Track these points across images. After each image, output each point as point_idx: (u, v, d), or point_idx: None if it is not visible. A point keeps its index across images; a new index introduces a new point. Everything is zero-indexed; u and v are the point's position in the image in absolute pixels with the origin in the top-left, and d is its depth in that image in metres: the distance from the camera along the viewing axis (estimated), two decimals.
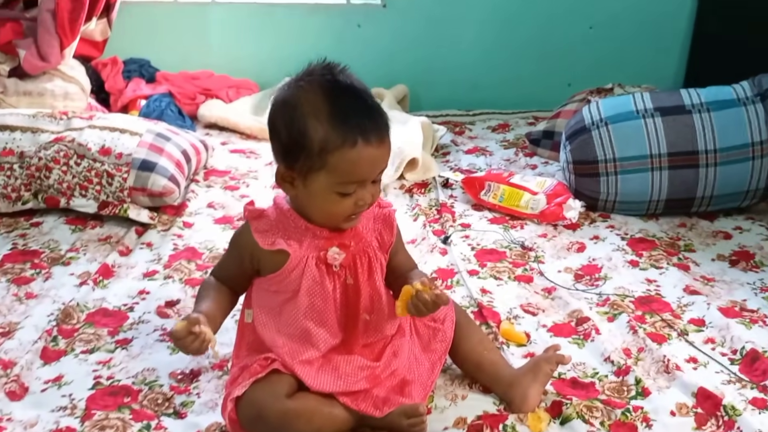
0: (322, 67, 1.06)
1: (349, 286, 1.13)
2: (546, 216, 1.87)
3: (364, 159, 1.03)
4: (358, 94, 1.05)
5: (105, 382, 1.24)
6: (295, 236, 1.10)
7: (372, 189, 1.08)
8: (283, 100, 1.06)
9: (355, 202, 1.07)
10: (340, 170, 1.03)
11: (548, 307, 1.51)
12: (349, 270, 1.13)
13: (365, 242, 1.14)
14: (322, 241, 1.11)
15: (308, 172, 1.04)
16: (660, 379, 1.28)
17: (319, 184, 1.05)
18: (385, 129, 1.06)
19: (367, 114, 1.04)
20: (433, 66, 2.82)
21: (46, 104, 2.23)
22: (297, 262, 1.09)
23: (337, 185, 1.05)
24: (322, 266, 1.11)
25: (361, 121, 1.03)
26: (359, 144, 1.02)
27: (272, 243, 1.09)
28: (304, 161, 1.04)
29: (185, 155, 1.96)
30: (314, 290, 1.11)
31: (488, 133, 2.58)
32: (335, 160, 1.02)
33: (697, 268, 1.68)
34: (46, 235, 1.74)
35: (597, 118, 1.89)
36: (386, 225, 1.18)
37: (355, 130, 1.02)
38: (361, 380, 1.12)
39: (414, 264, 1.26)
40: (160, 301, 1.49)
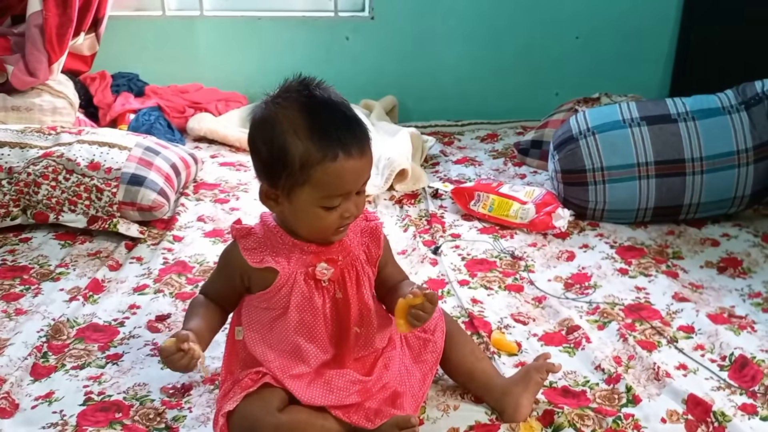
0: (298, 83, 1.06)
1: (338, 300, 1.13)
2: (535, 225, 1.88)
3: (346, 171, 1.03)
4: (335, 107, 1.06)
5: (96, 397, 1.23)
6: (283, 253, 1.10)
7: (357, 200, 1.08)
8: (262, 119, 1.06)
9: (341, 215, 1.07)
10: (323, 184, 1.03)
11: (539, 316, 1.52)
12: (338, 284, 1.13)
13: (353, 256, 1.15)
14: (310, 257, 1.11)
15: (291, 189, 1.05)
16: (650, 386, 1.28)
17: (304, 199, 1.05)
18: (365, 140, 1.06)
19: (345, 126, 1.04)
20: (422, 77, 2.84)
21: (34, 119, 2.23)
22: (286, 279, 1.10)
23: (322, 199, 1.05)
24: (310, 282, 1.11)
25: (341, 134, 1.03)
26: (340, 157, 1.02)
27: (261, 261, 1.10)
28: (286, 178, 1.04)
29: (174, 169, 1.96)
30: (304, 306, 1.11)
31: (477, 143, 2.60)
32: (317, 174, 1.03)
33: (685, 275, 1.69)
34: (35, 251, 1.74)
35: (584, 127, 1.91)
36: (373, 238, 1.18)
37: (335, 143, 1.02)
38: (352, 394, 1.11)
39: (404, 275, 1.26)
40: (150, 315, 1.48)
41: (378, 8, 2.75)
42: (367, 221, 1.19)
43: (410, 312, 1.07)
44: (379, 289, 1.20)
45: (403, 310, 1.08)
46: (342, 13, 2.79)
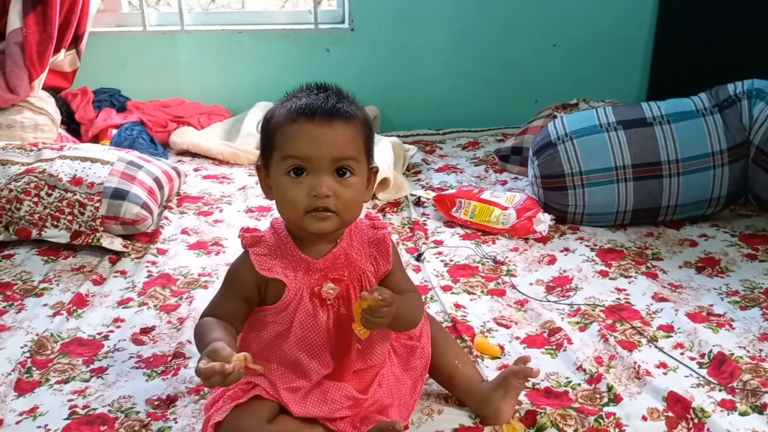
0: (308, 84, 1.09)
1: (342, 315, 1.10)
2: (516, 230, 1.90)
3: (302, 133, 1.02)
4: (324, 86, 1.07)
5: (81, 411, 1.23)
6: (291, 266, 1.09)
7: (329, 183, 1.02)
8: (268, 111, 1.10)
9: (308, 192, 1.02)
10: (282, 144, 1.03)
11: (521, 320, 1.54)
12: (343, 300, 1.10)
13: (359, 270, 1.11)
14: (317, 276, 1.09)
15: (268, 162, 1.07)
16: (631, 385, 1.30)
17: (274, 169, 1.05)
18: (338, 112, 1.03)
19: (321, 98, 1.04)
20: (402, 87, 2.86)
21: (15, 136, 2.22)
22: (293, 296, 1.08)
23: (283, 162, 1.03)
24: (315, 300, 1.09)
25: (311, 103, 1.03)
26: (300, 120, 1.02)
27: (269, 269, 1.07)
28: (265, 150, 1.07)
29: (157, 182, 1.97)
30: (307, 324, 1.09)
31: (458, 151, 2.62)
32: (279, 137, 1.04)
33: (664, 275, 1.72)
34: (18, 267, 1.73)
35: (562, 132, 1.94)
36: (381, 250, 1.14)
37: (301, 107, 1.03)
38: (344, 408, 1.11)
39: (411, 286, 1.20)
40: (135, 328, 1.49)
41: (358, 20, 2.78)
42: (374, 229, 1.15)
43: (362, 315, 1.04)
44: None
45: (357, 313, 1.05)
46: (322, 25, 2.81)
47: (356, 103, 1.08)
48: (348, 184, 1.05)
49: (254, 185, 2.27)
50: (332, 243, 1.11)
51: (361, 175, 1.07)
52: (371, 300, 1.02)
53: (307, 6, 2.88)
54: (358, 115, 1.07)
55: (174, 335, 1.46)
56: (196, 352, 1.35)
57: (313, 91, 1.07)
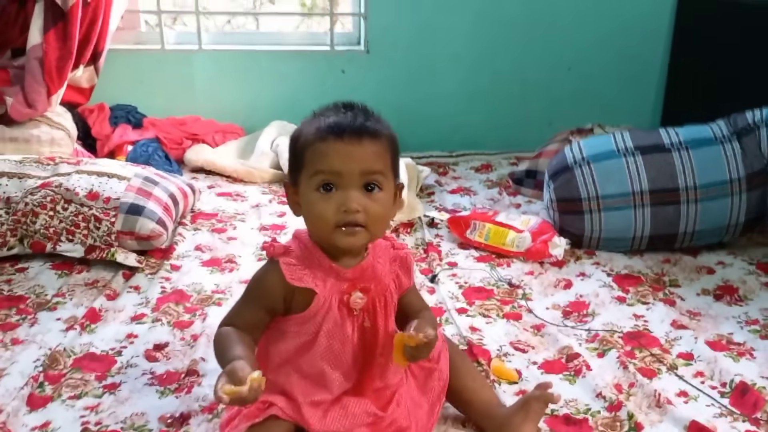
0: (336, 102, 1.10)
1: (366, 329, 1.12)
2: (532, 254, 1.89)
3: (332, 150, 1.03)
4: (350, 105, 1.08)
5: (93, 428, 1.21)
6: (320, 275, 1.09)
7: (359, 198, 1.03)
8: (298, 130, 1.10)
9: (338, 207, 1.03)
10: (311, 162, 1.04)
11: (538, 344, 1.52)
12: (367, 313, 1.11)
13: (383, 285, 1.13)
14: (346, 284, 1.09)
15: (298, 179, 1.07)
16: (652, 413, 1.28)
17: (304, 186, 1.06)
18: (366, 130, 1.04)
19: (349, 117, 1.05)
20: (416, 109, 2.87)
21: (32, 150, 2.23)
22: (322, 303, 1.08)
23: (312, 177, 1.04)
24: (343, 309, 1.10)
25: (339, 122, 1.04)
26: (330, 138, 1.03)
27: (300, 278, 1.07)
28: (294, 169, 1.08)
29: (173, 199, 1.96)
30: (334, 333, 1.09)
31: (471, 173, 2.62)
32: (308, 154, 1.05)
33: (682, 302, 1.70)
34: (31, 281, 1.73)
35: (579, 157, 1.93)
36: (404, 268, 1.17)
37: (331, 126, 1.04)
38: (364, 425, 1.10)
39: (424, 304, 1.23)
40: (148, 344, 1.47)
41: (373, 42, 2.80)
42: (395, 249, 1.18)
43: (405, 350, 1.06)
44: (396, 315, 1.18)
45: (400, 346, 1.07)
46: (338, 46, 2.83)
47: (383, 121, 1.09)
48: (376, 198, 1.06)
49: (267, 203, 2.27)
50: (359, 257, 1.12)
51: (389, 190, 1.08)
52: (418, 340, 1.03)
53: (322, 28, 2.90)
54: (385, 133, 1.08)
55: (187, 352, 1.45)
56: (211, 369, 1.37)
57: (341, 109, 1.07)
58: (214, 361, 1.38)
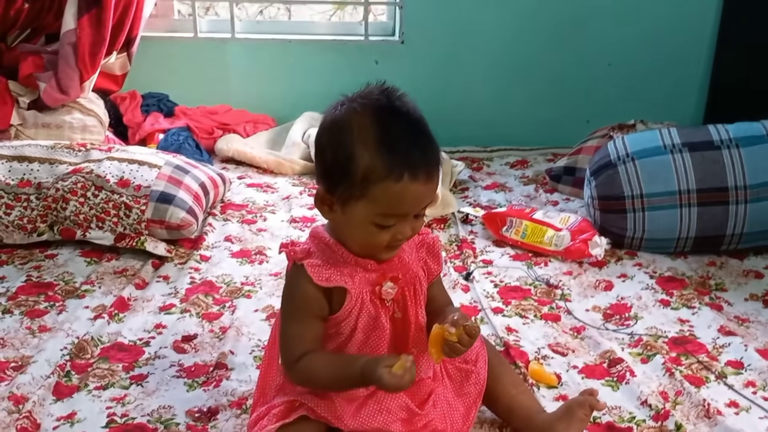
0: (380, 90, 1.01)
1: (397, 320, 1.08)
2: (571, 253, 1.82)
3: (408, 194, 0.98)
4: (412, 122, 1.00)
5: (119, 419, 1.18)
6: (347, 271, 1.04)
7: (413, 223, 1.02)
8: (333, 121, 1.01)
9: (393, 236, 1.01)
10: (381, 202, 0.98)
11: (578, 347, 1.45)
12: (397, 304, 1.07)
13: (412, 273, 1.09)
14: (374, 275, 1.05)
15: (348, 199, 1.00)
16: (701, 424, 1.21)
17: (358, 213, 1.00)
18: (435, 164, 1.00)
19: (418, 146, 0.98)
20: (450, 102, 2.81)
21: (64, 136, 2.22)
22: (356, 300, 1.04)
23: (376, 216, 0.99)
24: (376, 301, 1.06)
25: (411, 154, 0.97)
26: (405, 179, 0.96)
27: (328, 279, 1.02)
28: (345, 188, 0.99)
29: (203, 188, 1.93)
30: (369, 326, 1.06)
31: (507, 169, 2.55)
32: (377, 191, 0.97)
33: (730, 308, 1.62)
34: (60, 268, 1.71)
35: (623, 153, 1.86)
36: (431, 253, 1.13)
37: (403, 162, 0.96)
38: (398, 421, 1.06)
39: (449, 299, 1.20)
40: (176, 335, 1.44)
41: (408, 33, 2.74)
42: (420, 235, 1.12)
43: (446, 344, 1.00)
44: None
45: (438, 340, 1.02)
46: (372, 37, 2.78)
47: (434, 137, 1.02)
48: (422, 215, 1.04)
49: (298, 195, 2.23)
50: None
51: None
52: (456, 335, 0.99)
53: (356, 18, 2.85)
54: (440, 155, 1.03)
55: (216, 345, 1.42)
56: (239, 363, 1.34)
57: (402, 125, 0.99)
58: (242, 355, 1.38)
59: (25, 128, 2.21)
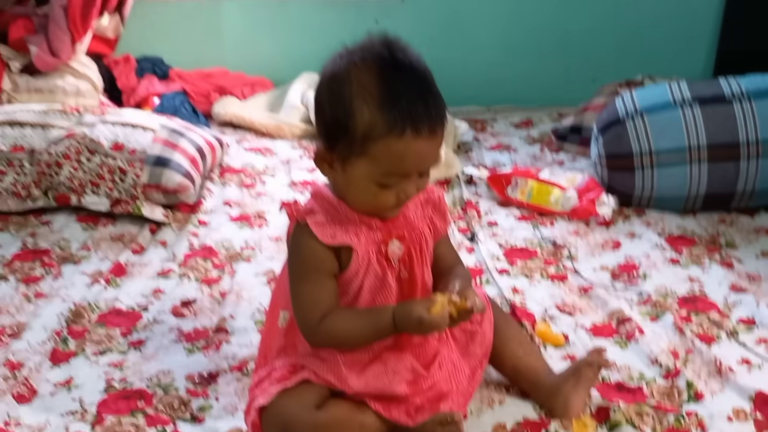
0: (381, 42, 0.96)
1: (403, 280, 1.04)
2: (577, 213, 1.78)
3: (410, 151, 0.93)
4: (415, 76, 0.94)
5: (117, 385, 1.16)
6: (352, 229, 1.00)
7: (418, 182, 0.98)
8: (333, 75, 0.96)
9: (397, 195, 0.97)
10: (382, 161, 0.93)
11: (585, 307, 1.42)
12: (403, 263, 1.04)
13: (417, 232, 1.05)
14: (380, 234, 1.01)
15: (348, 157, 0.95)
16: (712, 382, 1.18)
17: (359, 171, 0.95)
18: (440, 119, 0.95)
19: (421, 99, 0.93)
20: (453, 62, 2.73)
21: (57, 101, 2.18)
22: (363, 259, 1.00)
23: (378, 175, 0.95)
24: (382, 261, 1.02)
25: (414, 108, 0.92)
26: (407, 134, 0.92)
27: (333, 236, 0.98)
28: (345, 145, 0.94)
29: (200, 151, 1.89)
30: (376, 287, 1.02)
31: (511, 129, 2.50)
32: (378, 149, 0.93)
33: (741, 265, 1.58)
34: (56, 234, 1.67)
35: (632, 109, 1.80)
36: (437, 211, 1.09)
37: (405, 117, 0.91)
38: (403, 382, 1.03)
39: (458, 258, 1.14)
40: (175, 300, 1.41)
41: None
42: (425, 192, 1.08)
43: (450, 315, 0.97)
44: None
45: (441, 308, 0.97)
46: None
47: (439, 91, 0.97)
48: (426, 173, 1.00)
49: (298, 159, 2.18)
50: None
51: None
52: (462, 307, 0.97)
53: None
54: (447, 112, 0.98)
55: (216, 309, 1.39)
56: (239, 327, 1.32)
57: (404, 79, 0.93)
58: (243, 319, 1.35)
59: (17, 93, 2.16)
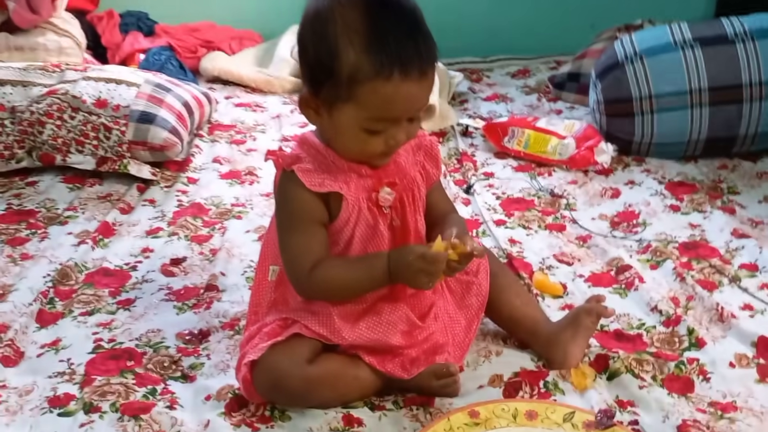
0: None
1: (396, 228, 1.01)
2: (576, 161, 1.74)
3: (399, 95, 0.89)
4: (403, 13, 0.90)
5: (106, 345, 1.13)
6: (341, 176, 0.97)
7: (408, 127, 0.94)
8: (316, 13, 0.91)
9: (386, 141, 0.93)
10: (370, 105, 0.89)
11: (584, 256, 1.39)
12: (395, 211, 1.00)
13: (409, 178, 1.01)
14: (370, 181, 0.98)
15: (334, 102, 0.91)
16: (714, 328, 1.16)
17: (346, 117, 0.91)
18: (430, 59, 0.91)
19: (410, 39, 0.88)
20: (447, 12, 2.63)
21: (39, 59, 2.09)
22: (353, 207, 0.97)
23: (366, 121, 0.91)
24: (373, 209, 0.98)
25: (402, 48, 0.87)
26: (395, 77, 0.87)
27: (321, 184, 0.95)
28: (330, 88, 0.90)
29: (187, 107, 1.83)
30: (368, 236, 0.99)
31: (507, 79, 2.44)
32: (365, 92, 0.88)
33: (743, 211, 1.55)
34: (42, 195, 1.63)
35: (631, 52, 1.74)
36: (430, 156, 1.05)
37: (393, 58, 0.87)
38: (398, 333, 1.00)
39: (451, 205, 1.12)
40: (164, 259, 1.38)
41: None
42: (417, 137, 1.03)
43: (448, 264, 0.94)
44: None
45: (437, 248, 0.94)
46: None
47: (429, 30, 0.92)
48: (416, 118, 0.96)
49: (289, 114, 2.13)
50: None
51: None
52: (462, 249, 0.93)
53: None
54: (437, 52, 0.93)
55: (206, 267, 1.36)
56: (230, 284, 1.29)
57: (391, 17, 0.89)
58: (234, 276, 1.32)
59: None
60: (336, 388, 0.98)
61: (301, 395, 0.96)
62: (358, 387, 0.99)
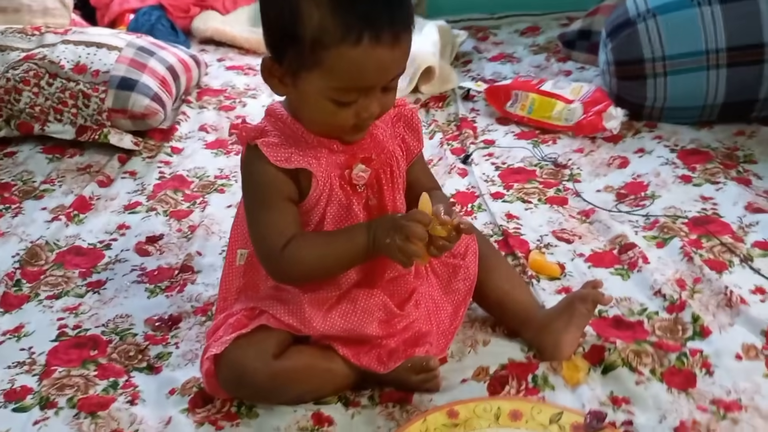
0: None
1: (372, 207, 0.93)
2: (582, 128, 1.64)
3: (369, 61, 0.80)
4: None
5: (71, 332, 1.07)
6: (310, 152, 0.89)
7: (381, 99, 0.86)
8: None
9: (357, 114, 0.85)
10: (337, 73, 0.81)
11: (586, 233, 1.30)
12: (371, 189, 0.92)
13: (387, 153, 0.93)
14: (342, 157, 0.90)
15: (298, 71, 0.83)
16: (721, 315, 1.07)
17: (312, 87, 0.83)
18: (404, 23, 0.82)
19: (382, 1, 0.80)
20: None
21: (23, 21, 2.00)
22: (323, 185, 0.89)
23: (333, 91, 0.83)
24: (346, 187, 0.91)
25: (372, 10, 0.79)
26: (365, 41, 0.79)
27: (287, 159, 0.87)
28: (293, 56, 0.82)
29: (172, 72, 1.75)
30: (340, 216, 0.91)
31: (515, 37, 2.32)
32: (332, 59, 0.80)
33: (759, 182, 1.44)
34: (20, 166, 1.58)
35: (643, 9, 1.62)
36: (410, 128, 0.98)
37: (362, 21, 0.78)
38: (375, 322, 0.93)
39: (434, 182, 1.05)
40: (140, 236, 1.32)
41: None
42: (397, 107, 0.96)
43: (432, 242, 0.86)
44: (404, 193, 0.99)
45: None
46: None
47: None
48: (390, 91, 0.88)
49: None
50: None
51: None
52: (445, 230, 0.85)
53: None
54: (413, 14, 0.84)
55: (183, 245, 1.29)
56: (207, 264, 1.23)
57: None
58: (211, 256, 1.26)
59: None
60: (307, 382, 0.92)
61: (268, 391, 0.90)
62: (331, 381, 0.93)
